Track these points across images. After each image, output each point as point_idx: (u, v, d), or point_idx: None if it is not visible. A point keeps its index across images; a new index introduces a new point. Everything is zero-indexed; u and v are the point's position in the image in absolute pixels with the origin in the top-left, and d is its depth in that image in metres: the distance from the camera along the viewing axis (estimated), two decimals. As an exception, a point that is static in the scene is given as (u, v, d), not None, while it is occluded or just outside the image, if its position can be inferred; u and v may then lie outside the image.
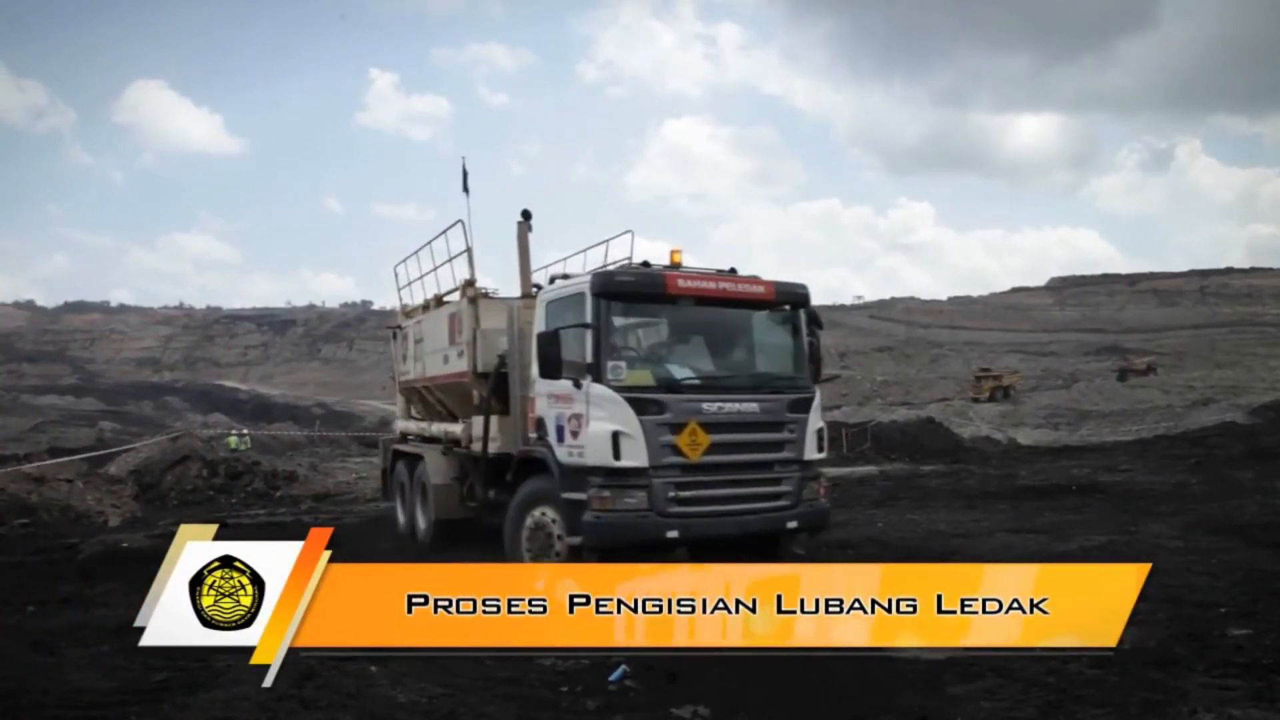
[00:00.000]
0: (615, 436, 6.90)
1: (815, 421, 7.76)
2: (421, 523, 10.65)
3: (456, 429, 9.78)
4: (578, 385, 7.14)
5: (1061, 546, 9.47)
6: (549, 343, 7.23)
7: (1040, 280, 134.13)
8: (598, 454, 6.98)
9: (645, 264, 7.79)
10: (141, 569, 8.56)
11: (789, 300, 8.00)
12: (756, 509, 7.45)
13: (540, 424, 7.75)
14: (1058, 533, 10.47)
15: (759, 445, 7.52)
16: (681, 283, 7.46)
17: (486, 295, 9.53)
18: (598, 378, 7.07)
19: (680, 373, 7.52)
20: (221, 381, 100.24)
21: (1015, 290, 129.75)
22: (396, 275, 12.48)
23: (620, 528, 6.95)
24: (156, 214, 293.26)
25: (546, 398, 7.65)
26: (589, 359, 7.12)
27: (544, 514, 7.54)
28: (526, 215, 9.48)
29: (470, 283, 9.37)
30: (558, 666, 5.60)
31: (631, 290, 7.45)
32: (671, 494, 7.06)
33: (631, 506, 6.96)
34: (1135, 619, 6.45)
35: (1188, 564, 8.30)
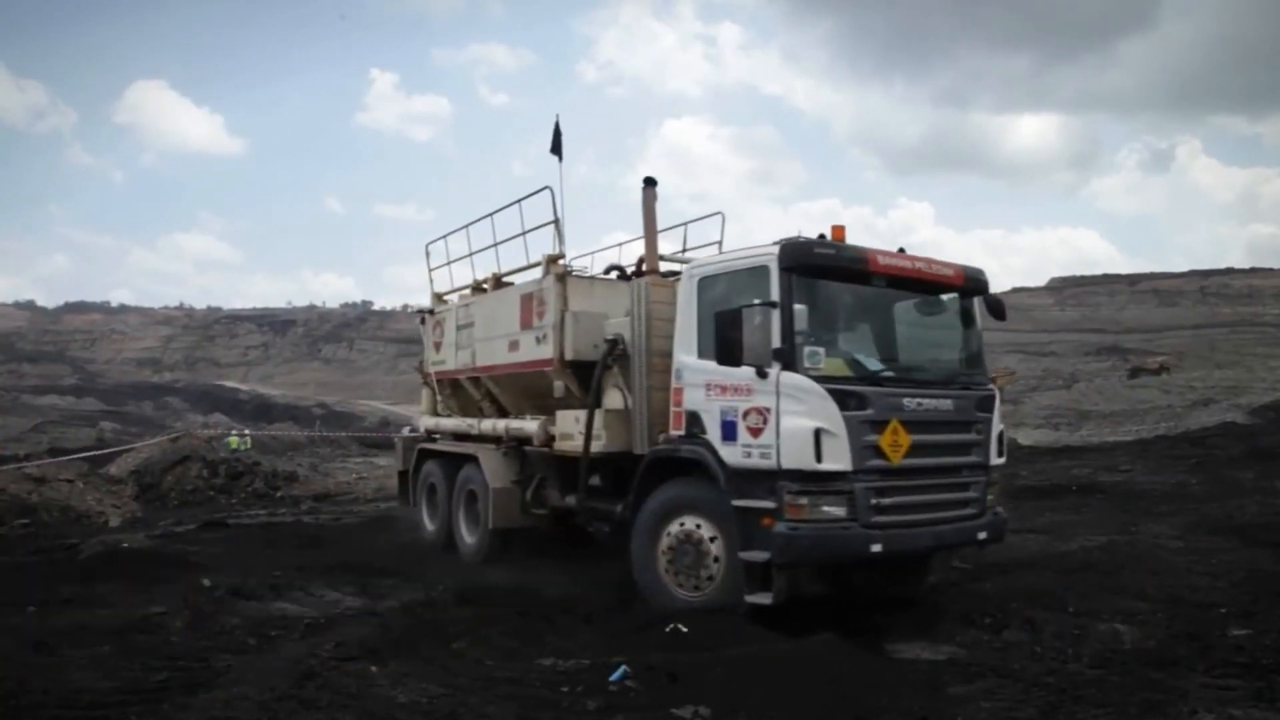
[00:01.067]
0: (817, 434, 6.01)
1: (998, 423, 7.08)
2: (467, 534, 9.75)
3: (527, 426, 8.76)
4: (762, 374, 6.18)
5: (1062, 546, 9.47)
6: (731, 323, 6.28)
7: (1040, 280, 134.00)
8: (794, 455, 6.04)
9: (821, 237, 6.65)
10: (142, 569, 8.61)
11: (973, 287, 7.22)
12: (949, 518, 6.71)
13: (693, 419, 6.75)
14: (1058, 533, 10.47)
15: (952, 447, 6.79)
16: (882, 260, 6.58)
17: (573, 273, 8.67)
18: (789, 365, 6.12)
19: (872, 363, 6.72)
20: (222, 382, 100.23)
21: (1015, 290, 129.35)
22: (428, 254, 11.28)
23: (820, 540, 6.08)
24: (157, 214, 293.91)
25: (706, 389, 6.66)
26: (778, 343, 6.16)
27: (694, 525, 6.61)
28: (650, 182, 8.16)
29: (557, 258, 8.42)
30: (558, 666, 5.60)
31: (830, 265, 6.40)
32: (873, 501, 6.20)
33: (832, 516, 6.08)
34: (1135, 618, 6.50)
35: (1188, 564, 8.30)
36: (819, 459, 6.02)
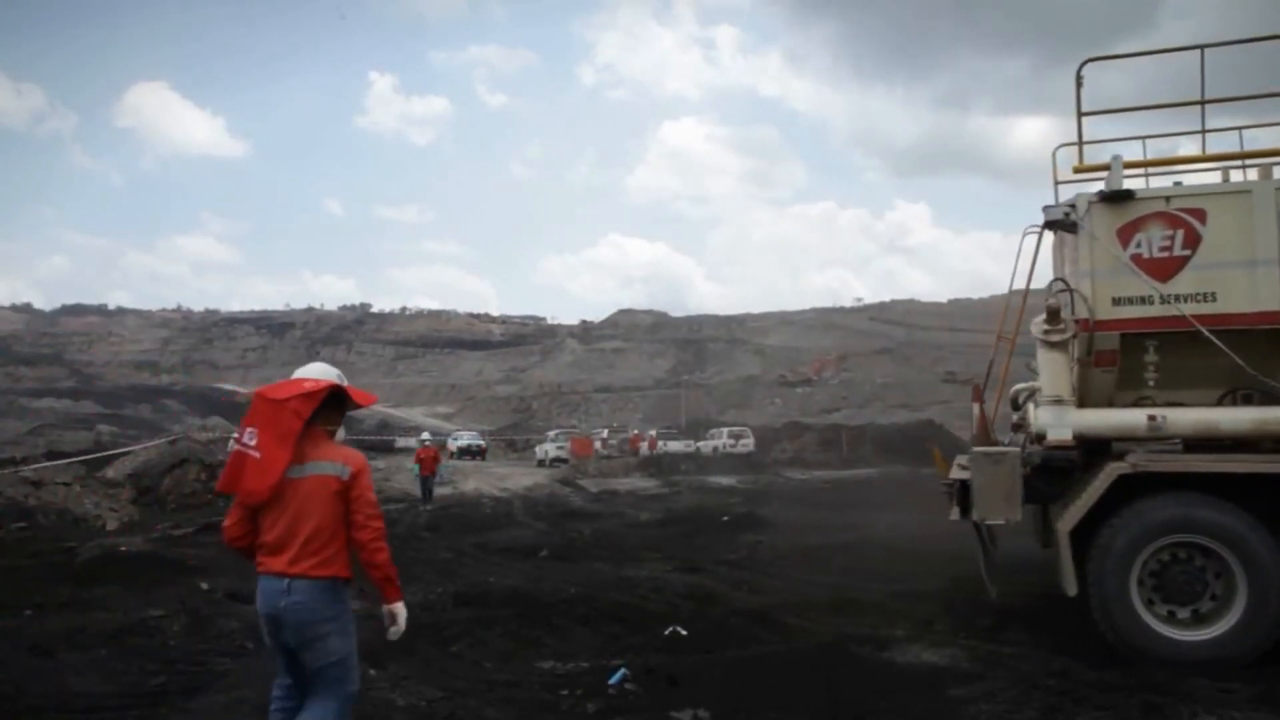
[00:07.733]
0: None
1: None
2: None
3: None
4: None
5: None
6: None
7: (1042, 282, 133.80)
8: None
9: None
10: (140, 573, 8.58)
11: None
12: None
13: None
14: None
15: None
16: None
17: None
18: None
19: None
20: (220, 384, 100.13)
21: (1017, 292, 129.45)
22: (1080, 79, 6.30)
23: None
24: (157, 216, 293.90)
25: None
26: None
27: None
28: None
29: None
30: (557, 669, 5.58)
31: None
32: None
33: None
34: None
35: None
36: None
